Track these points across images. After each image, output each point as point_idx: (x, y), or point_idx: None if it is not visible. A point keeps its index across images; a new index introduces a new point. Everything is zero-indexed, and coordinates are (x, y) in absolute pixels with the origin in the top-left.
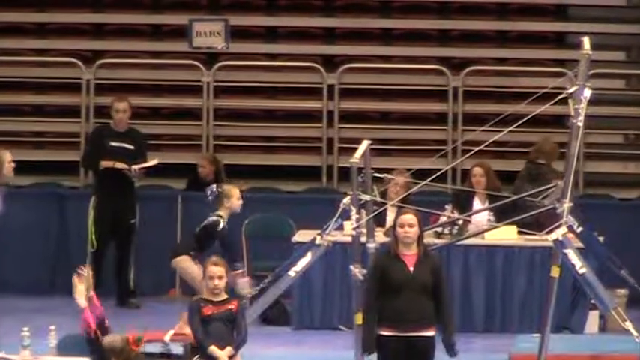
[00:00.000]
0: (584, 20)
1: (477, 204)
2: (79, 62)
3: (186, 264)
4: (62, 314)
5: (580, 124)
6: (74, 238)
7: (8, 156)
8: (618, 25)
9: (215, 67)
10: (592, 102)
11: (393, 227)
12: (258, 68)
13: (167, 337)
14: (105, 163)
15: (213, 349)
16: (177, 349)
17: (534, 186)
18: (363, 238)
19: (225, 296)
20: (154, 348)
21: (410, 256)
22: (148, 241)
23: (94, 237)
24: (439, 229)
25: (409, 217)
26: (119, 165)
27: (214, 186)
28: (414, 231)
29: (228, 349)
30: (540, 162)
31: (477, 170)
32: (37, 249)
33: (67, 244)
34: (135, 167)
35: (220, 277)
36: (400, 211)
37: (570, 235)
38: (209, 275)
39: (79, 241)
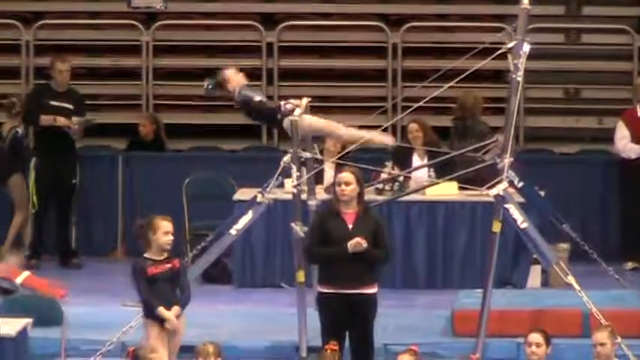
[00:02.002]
0: None
1: (416, 160)
2: (18, 23)
3: None
4: None
5: (519, 78)
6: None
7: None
8: None
9: (154, 27)
10: (531, 56)
11: (333, 185)
12: (197, 27)
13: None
14: (45, 118)
15: (162, 310)
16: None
17: (464, 142)
18: (304, 196)
19: (165, 255)
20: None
21: (350, 214)
22: (90, 201)
23: (34, 198)
24: (380, 186)
25: (346, 175)
26: (60, 120)
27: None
28: (350, 189)
29: (175, 309)
30: (466, 116)
31: (413, 126)
32: None
33: (7, 206)
34: (74, 121)
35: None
36: (340, 168)
37: (511, 190)
38: (164, 230)
39: None
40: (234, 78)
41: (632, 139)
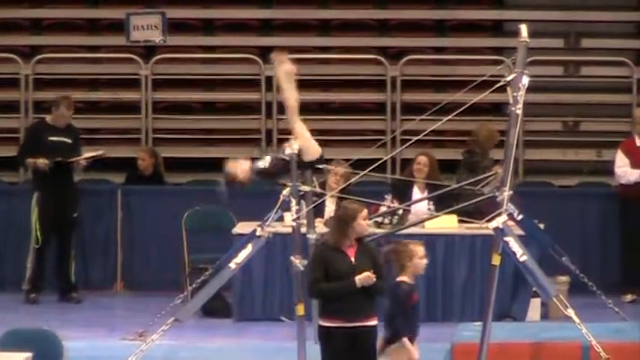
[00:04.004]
0: (521, 8)
1: (416, 193)
2: (17, 58)
3: None
4: (6, 309)
5: (519, 111)
6: (16, 234)
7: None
8: (555, 12)
9: (153, 61)
10: (530, 89)
11: (343, 219)
12: (196, 61)
13: None
14: (29, 161)
15: (407, 342)
16: None
17: (473, 175)
18: (303, 229)
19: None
20: None
21: (350, 247)
22: (89, 234)
23: (38, 233)
24: (379, 219)
25: (366, 211)
26: (40, 163)
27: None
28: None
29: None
30: (477, 150)
31: (422, 159)
32: None
33: (9, 241)
34: (79, 159)
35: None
36: (341, 202)
37: (511, 223)
38: (420, 255)
39: (21, 237)
40: (238, 168)
41: (631, 167)
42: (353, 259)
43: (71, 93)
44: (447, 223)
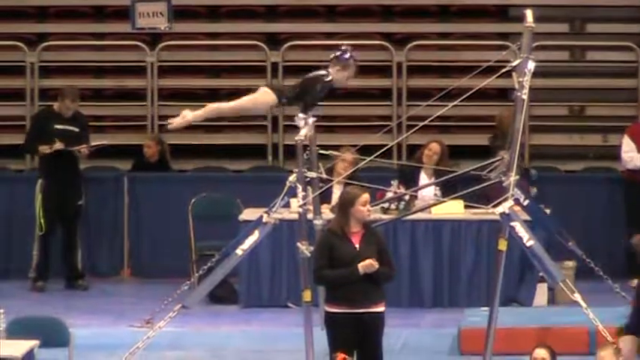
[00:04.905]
0: None
1: (423, 179)
2: (22, 45)
3: None
4: (13, 297)
5: (525, 96)
6: (22, 222)
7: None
8: None
9: (158, 48)
10: (536, 74)
11: (344, 204)
12: (202, 48)
13: None
14: (42, 148)
15: None
16: None
17: None
18: (310, 216)
19: None
20: None
21: (355, 233)
22: (96, 222)
23: (42, 220)
24: (386, 205)
25: (367, 196)
26: (57, 146)
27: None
28: (369, 209)
29: None
30: (499, 135)
31: (434, 146)
32: None
33: (15, 228)
34: (81, 148)
35: None
36: (347, 188)
37: (517, 208)
38: None
39: (27, 225)
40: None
41: (638, 152)
42: (357, 246)
43: (77, 80)
44: (454, 209)
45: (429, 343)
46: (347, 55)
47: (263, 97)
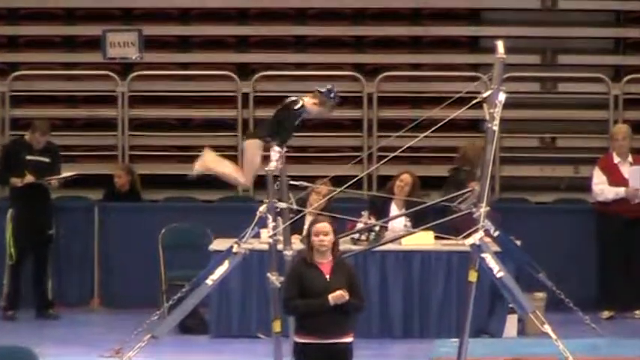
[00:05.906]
0: (497, 24)
1: (394, 210)
2: None
3: None
4: None
5: (495, 128)
6: None
7: None
8: (532, 28)
9: (129, 78)
10: (507, 106)
11: (307, 235)
12: (173, 78)
13: None
14: (13, 181)
15: None
16: None
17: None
18: (280, 246)
19: None
20: None
21: (325, 264)
22: (66, 251)
23: (12, 250)
24: (356, 236)
25: (324, 225)
26: (28, 179)
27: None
28: (329, 239)
29: None
30: (464, 168)
31: (406, 178)
32: None
33: None
34: (52, 179)
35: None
36: (314, 219)
37: (487, 239)
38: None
39: None
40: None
41: (609, 184)
42: (328, 277)
43: (48, 110)
44: (424, 240)
45: None
46: (332, 95)
47: (253, 149)
